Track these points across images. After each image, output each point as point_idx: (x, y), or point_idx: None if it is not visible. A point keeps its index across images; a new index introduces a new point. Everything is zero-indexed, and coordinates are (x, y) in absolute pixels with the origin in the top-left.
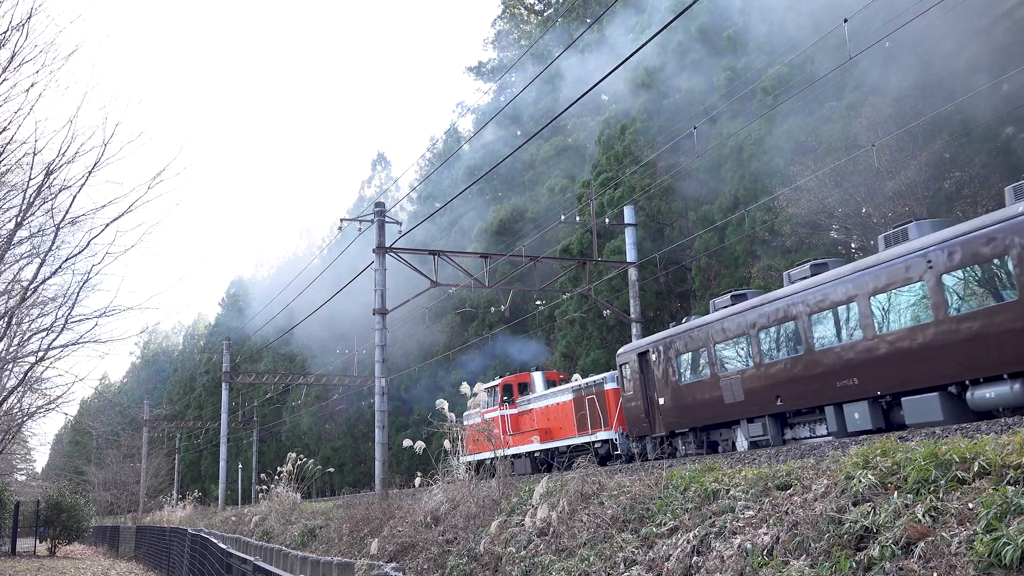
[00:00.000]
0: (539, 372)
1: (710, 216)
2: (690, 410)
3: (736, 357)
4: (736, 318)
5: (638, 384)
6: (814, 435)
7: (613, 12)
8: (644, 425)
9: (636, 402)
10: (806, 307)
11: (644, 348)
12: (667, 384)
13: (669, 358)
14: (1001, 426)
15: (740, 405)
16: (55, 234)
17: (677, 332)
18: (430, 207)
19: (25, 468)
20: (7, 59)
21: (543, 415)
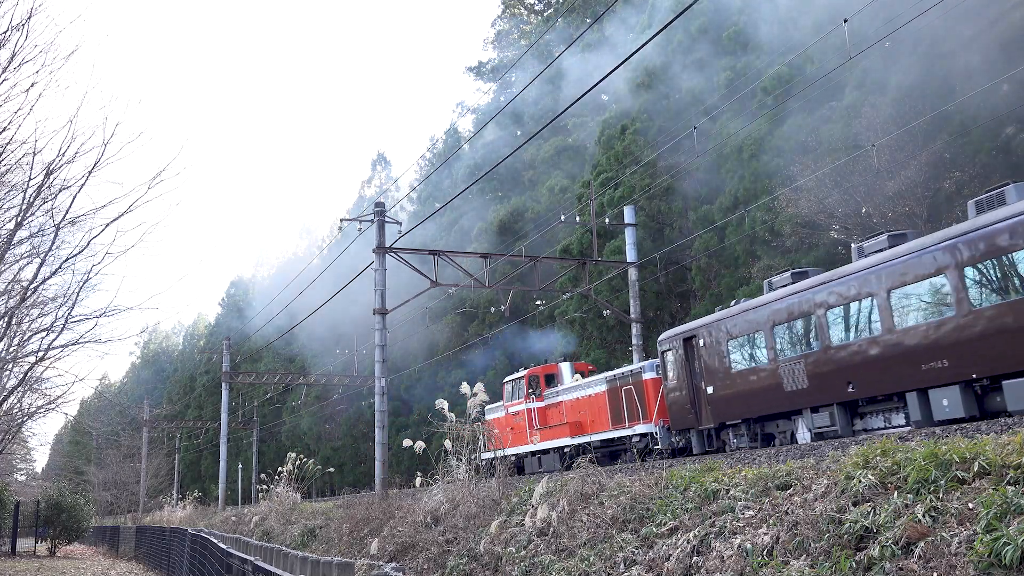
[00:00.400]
0: (567, 363)
1: (710, 216)
2: (743, 400)
3: (799, 340)
4: (799, 297)
5: (683, 372)
6: (890, 425)
7: (615, 11)
8: (689, 417)
9: (680, 392)
10: (884, 282)
11: (690, 333)
12: (717, 371)
13: (719, 343)
14: (1001, 426)
15: (803, 393)
16: (55, 234)
17: (729, 314)
18: (430, 207)
19: (25, 468)
20: (7, 59)
21: (573, 408)
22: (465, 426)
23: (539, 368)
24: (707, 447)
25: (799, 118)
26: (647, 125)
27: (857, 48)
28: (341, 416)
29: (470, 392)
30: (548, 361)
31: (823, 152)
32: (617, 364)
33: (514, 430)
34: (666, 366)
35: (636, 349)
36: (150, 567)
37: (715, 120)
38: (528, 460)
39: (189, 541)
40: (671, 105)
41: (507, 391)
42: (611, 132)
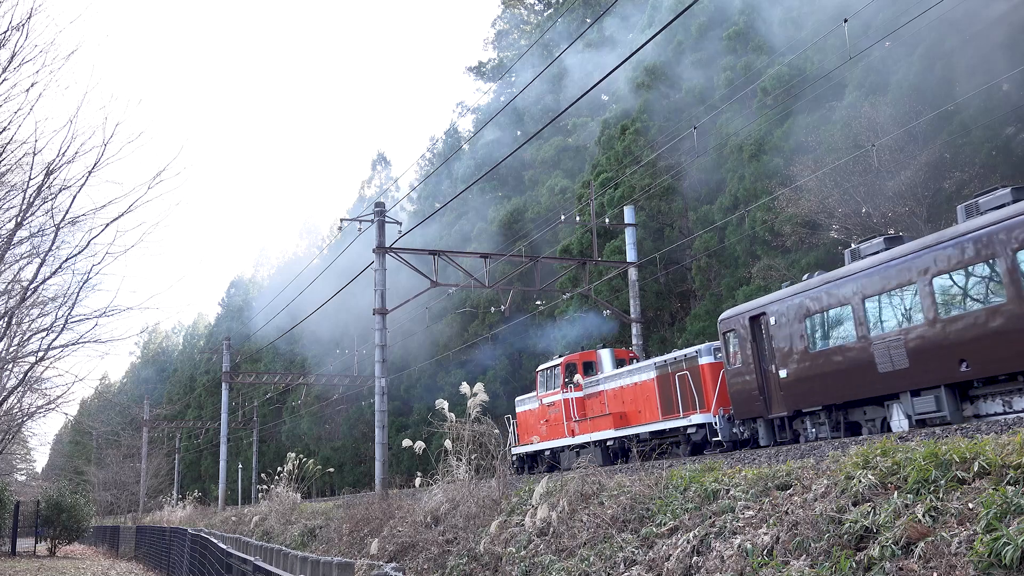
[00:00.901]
0: (606, 349)
1: (710, 216)
2: (824, 383)
3: (898, 313)
4: (898, 264)
5: (749, 355)
6: (1011, 410)
7: (614, 11)
8: (757, 404)
9: (746, 376)
10: (1011, 242)
11: (758, 310)
12: (792, 353)
13: (795, 320)
14: (1001, 426)
15: (901, 374)
16: (55, 234)
17: (807, 288)
18: (430, 207)
19: (25, 468)
20: (7, 59)
21: (617, 397)
22: (465, 426)
23: (576, 355)
24: (777, 438)
25: (799, 118)
26: (647, 125)
27: (858, 48)
28: (341, 416)
29: (470, 392)
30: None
31: (823, 152)
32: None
33: (549, 423)
34: (728, 348)
35: (636, 349)
36: (150, 567)
37: (715, 120)
38: (565, 455)
39: (189, 541)
40: (671, 105)
41: (541, 381)
42: (611, 132)
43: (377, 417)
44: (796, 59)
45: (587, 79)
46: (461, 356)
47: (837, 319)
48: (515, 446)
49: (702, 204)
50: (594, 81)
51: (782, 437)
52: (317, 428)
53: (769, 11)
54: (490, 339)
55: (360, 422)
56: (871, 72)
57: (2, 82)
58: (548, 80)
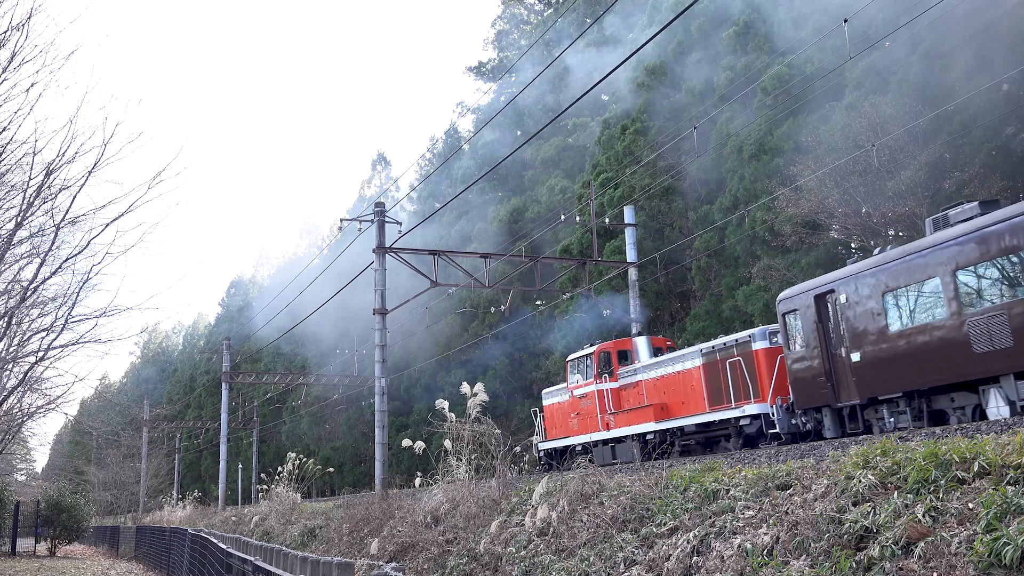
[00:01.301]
0: (642, 337)
1: (710, 216)
2: (906, 367)
3: (999, 286)
4: (999, 229)
5: (814, 337)
6: None
7: (618, 8)
8: (823, 392)
9: (810, 361)
10: None
11: (825, 288)
12: (866, 333)
13: (871, 298)
14: (1001, 426)
15: (1003, 354)
16: (55, 234)
17: (885, 261)
18: (430, 207)
19: (25, 468)
20: (7, 59)
21: (657, 387)
22: (465, 426)
23: (610, 343)
24: (847, 429)
25: (799, 118)
26: (647, 125)
27: (858, 48)
28: (341, 416)
29: (470, 392)
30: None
31: (823, 152)
32: None
33: (580, 415)
34: (788, 331)
35: None
36: (150, 567)
37: (715, 120)
38: (598, 450)
39: (189, 541)
40: (672, 105)
41: (571, 371)
42: (611, 132)
43: (377, 417)
44: (796, 59)
45: (588, 79)
46: (461, 356)
47: (922, 295)
48: (542, 441)
49: (702, 204)
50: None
51: (852, 428)
52: (317, 428)
53: (770, 11)
54: (490, 339)
55: (360, 422)
56: (871, 72)
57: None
58: (549, 80)
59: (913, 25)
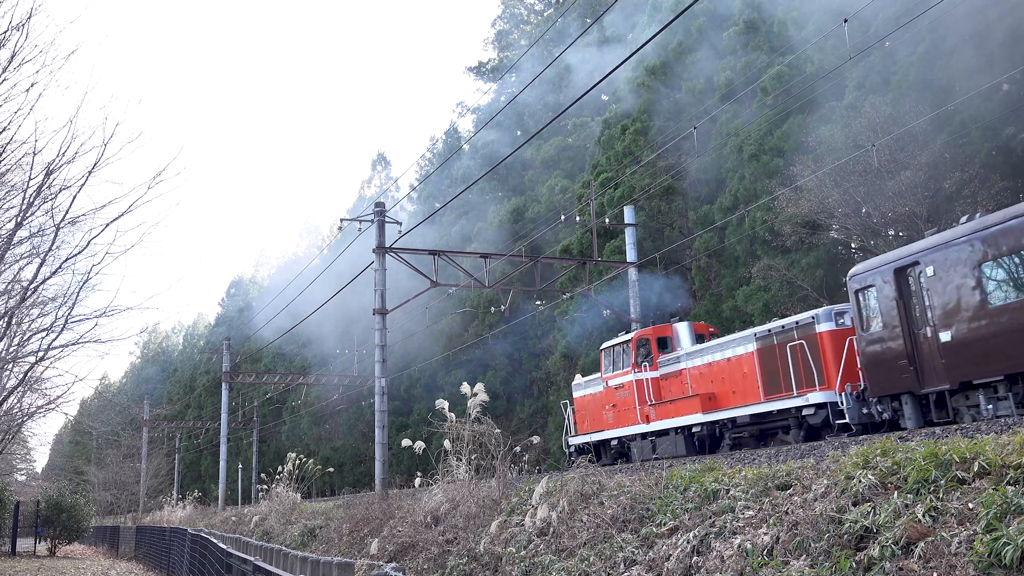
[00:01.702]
0: (684, 323)
1: (710, 216)
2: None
3: None
4: None
5: (894, 315)
6: None
7: (619, 7)
8: (904, 377)
9: (889, 343)
10: None
11: (907, 260)
12: (959, 309)
13: (966, 269)
14: (1001, 426)
15: None
16: (55, 234)
17: (984, 227)
18: (431, 207)
19: (25, 468)
20: (7, 59)
21: (704, 376)
22: (465, 426)
23: (649, 329)
24: (934, 418)
25: (799, 118)
26: (648, 125)
27: (858, 48)
28: (341, 416)
29: (470, 392)
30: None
31: (823, 152)
32: None
33: (617, 407)
34: (862, 310)
35: None
36: (150, 567)
37: (715, 120)
38: (637, 444)
39: (189, 541)
40: (672, 105)
41: (605, 361)
42: (612, 132)
43: (377, 417)
44: (796, 59)
45: (588, 79)
46: (461, 356)
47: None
48: (572, 436)
49: (702, 204)
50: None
51: (939, 416)
52: (317, 428)
53: (770, 11)
54: (490, 339)
55: (360, 422)
56: (871, 72)
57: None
58: (549, 80)
59: (913, 25)
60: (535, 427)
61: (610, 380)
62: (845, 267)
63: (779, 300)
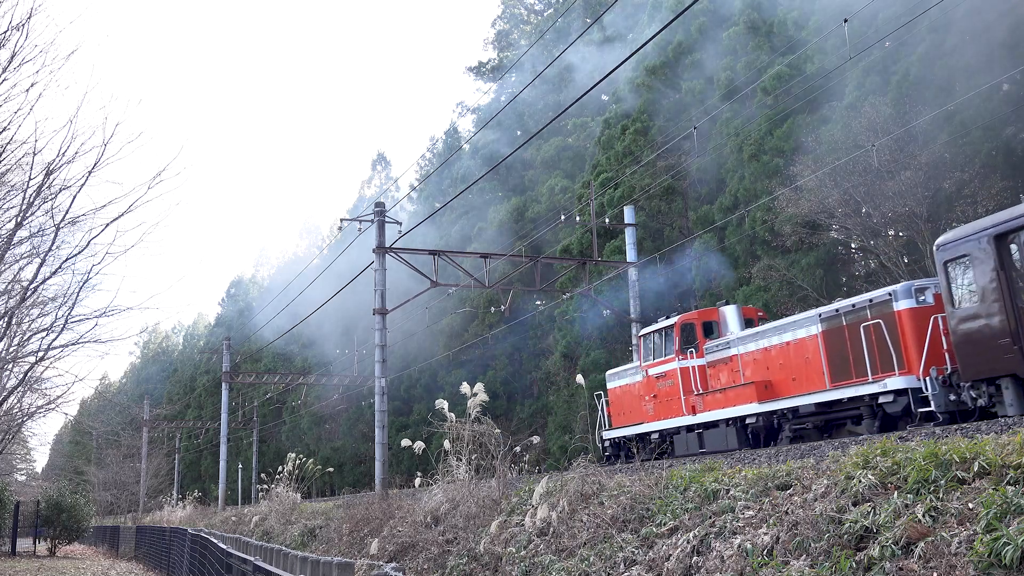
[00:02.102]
0: (731, 306)
1: (710, 216)
2: None
3: None
4: None
5: (993, 288)
6: None
7: (620, 7)
8: (1007, 358)
9: (986, 320)
10: None
11: (1010, 225)
12: None
13: None
14: (1001, 426)
15: None
16: (55, 234)
17: None
18: (431, 207)
19: (25, 468)
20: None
21: (758, 363)
22: (465, 426)
23: (694, 313)
24: None
25: (799, 118)
26: (648, 125)
27: (858, 48)
28: (341, 416)
29: (470, 392)
30: (550, 357)
31: (823, 152)
32: (617, 363)
33: (658, 399)
34: (952, 284)
35: (635, 349)
36: (150, 567)
37: (715, 120)
38: (681, 438)
39: (189, 541)
40: (672, 105)
41: (645, 348)
42: (612, 132)
43: (377, 417)
44: (797, 59)
45: (589, 78)
46: (461, 356)
47: None
48: (606, 429)
49: (702, 204)
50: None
51: None
52: (317, 428)
53: (770, 11)
54: (490, 339)
55: (360, 422)
56: (871, 72)
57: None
58: (550, 80)
59: (913, 25)
60: (535, 427)
61: (650, 369)
62: (845, 267)
63: (779, 300)
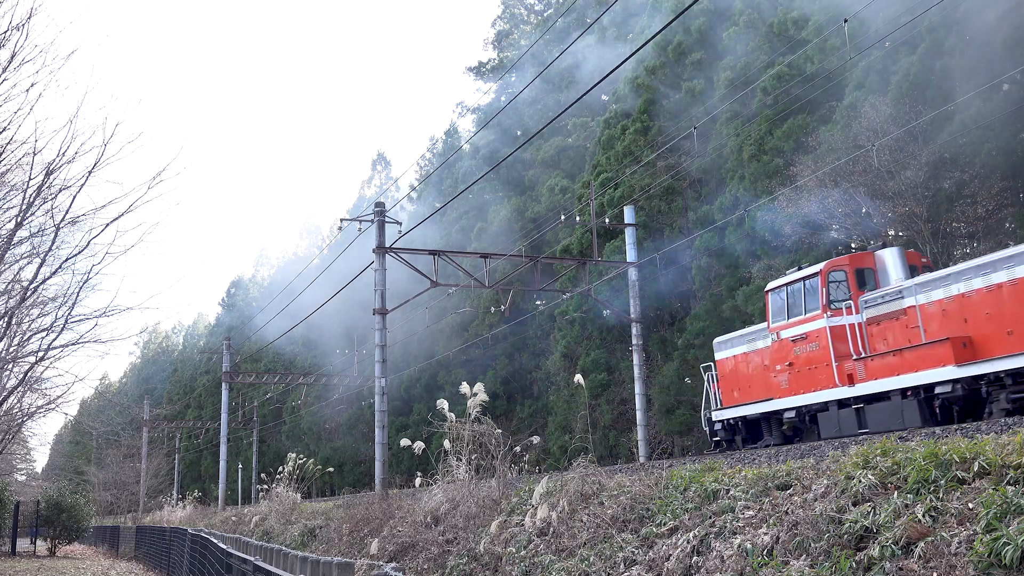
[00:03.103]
0: (891, 249)
1: (710, 216)
2: None
3: None
4: None
5: None
6: None
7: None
8: None
9: None
10: None
11: None
12: None
13: None
14: (1001, 426)
15: None
16: (55, 234)
17: None
18: (431, 207)
19: (25, 468)
20: (7, 59)
21: (951, 314)
22: (465, 426)
23: (844, 258)
24: None
25: (799, 118)
26: (648, 125)
27: (858, 48)
28: (341, 416)
29: (470, 392)
30: (550, 357)
31: (823, 152)
32: (617, 364)
33: (795, 366)
34: None
35: (636, 349)
36: (150, 567)
37: (715, 120)
38: (830, 416)
39: (189, 541)
40: (672, 105)
41: (775, 306)
42: (612, 132)
43: (377, 417)
44: (797, 59)
45: (590, 78)
46: (461, 356)
47: None
48: (717, 409)
49: (702, 204)
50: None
51: None
52: (317, 428)
53: (770, 11)
54: (490, 339)
55: (360, 422)
56: (871, 72)
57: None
58: (550, 79)
59: (913, 25)
60: (535, 427)
61: (783, 331)
62: None
63: None
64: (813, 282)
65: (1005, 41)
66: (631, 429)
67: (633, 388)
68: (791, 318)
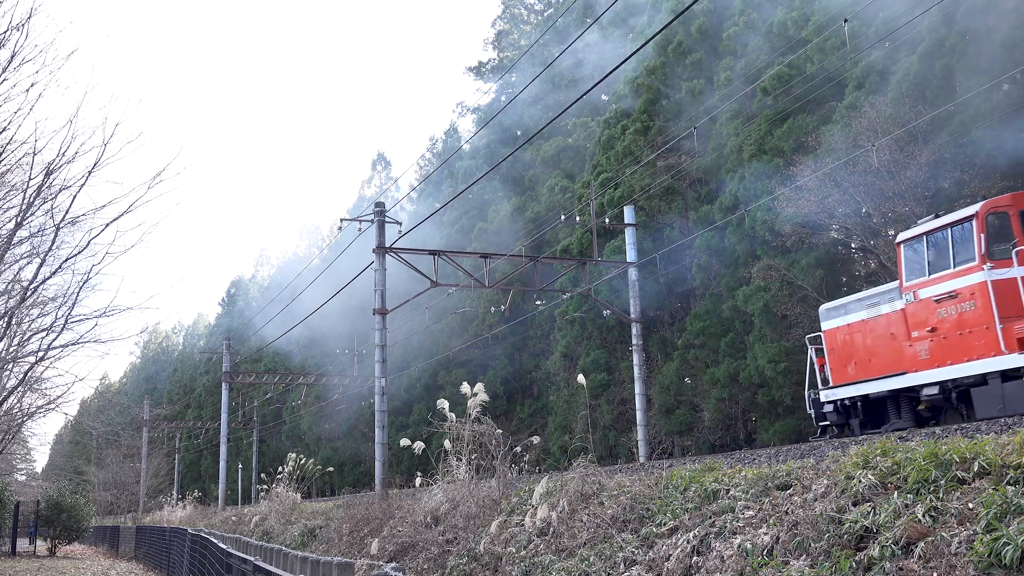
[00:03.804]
0: None
1: (710, 216)
2: None
3: None
4: None
5: None
6: None
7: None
8: None
9: None
10: None
11: None
12: None
13: None
14: (1001, 426)
15: None
16: (55, 234)
17: None
18: (431, 207)
19: (25, 468)
20: (7, 59)
21: None
22: (465, 426)
23: (1006, 197)
24: None
25: (799, 118)
26: (648, 125)
27: (858, 48)
28: (341, 416)
29: (470, 392)
30: (550, 357)
31: (823, 152)
32: (617, 364)
33: (939, 332)
34: None
35: (636, 349)
36: (150, 567)
37: (715, 120)
38: (990, 391)
39: (189, 541)
40: (672, 105)
41: (910, 260)
42: (612, 132)
43: (377, 417)
44: (797, 59)
45: (590, 77)
46: (461, 356)
47: None
48: (827, 387)
49: (702, 204)
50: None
51: None
52: (317, 428)
53: (770, 11)
54: (490, 339)
55: (360, 422)
56: (871, 72)
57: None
58: (550, 79)
59: (913, 25)
60: (535, 427)
61: (922, 289)
62: (845, 267)
63: (779, 300)
64: (966, 228)
65: (1005, 41)
66: (631, 429)
67: (633, 388)
68: (933, 274)
